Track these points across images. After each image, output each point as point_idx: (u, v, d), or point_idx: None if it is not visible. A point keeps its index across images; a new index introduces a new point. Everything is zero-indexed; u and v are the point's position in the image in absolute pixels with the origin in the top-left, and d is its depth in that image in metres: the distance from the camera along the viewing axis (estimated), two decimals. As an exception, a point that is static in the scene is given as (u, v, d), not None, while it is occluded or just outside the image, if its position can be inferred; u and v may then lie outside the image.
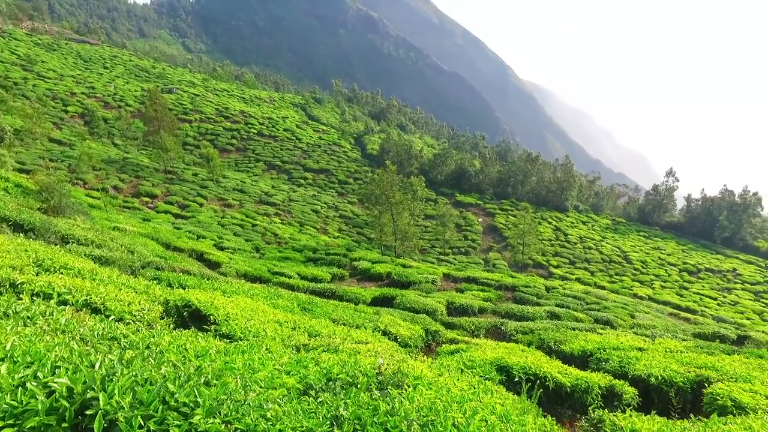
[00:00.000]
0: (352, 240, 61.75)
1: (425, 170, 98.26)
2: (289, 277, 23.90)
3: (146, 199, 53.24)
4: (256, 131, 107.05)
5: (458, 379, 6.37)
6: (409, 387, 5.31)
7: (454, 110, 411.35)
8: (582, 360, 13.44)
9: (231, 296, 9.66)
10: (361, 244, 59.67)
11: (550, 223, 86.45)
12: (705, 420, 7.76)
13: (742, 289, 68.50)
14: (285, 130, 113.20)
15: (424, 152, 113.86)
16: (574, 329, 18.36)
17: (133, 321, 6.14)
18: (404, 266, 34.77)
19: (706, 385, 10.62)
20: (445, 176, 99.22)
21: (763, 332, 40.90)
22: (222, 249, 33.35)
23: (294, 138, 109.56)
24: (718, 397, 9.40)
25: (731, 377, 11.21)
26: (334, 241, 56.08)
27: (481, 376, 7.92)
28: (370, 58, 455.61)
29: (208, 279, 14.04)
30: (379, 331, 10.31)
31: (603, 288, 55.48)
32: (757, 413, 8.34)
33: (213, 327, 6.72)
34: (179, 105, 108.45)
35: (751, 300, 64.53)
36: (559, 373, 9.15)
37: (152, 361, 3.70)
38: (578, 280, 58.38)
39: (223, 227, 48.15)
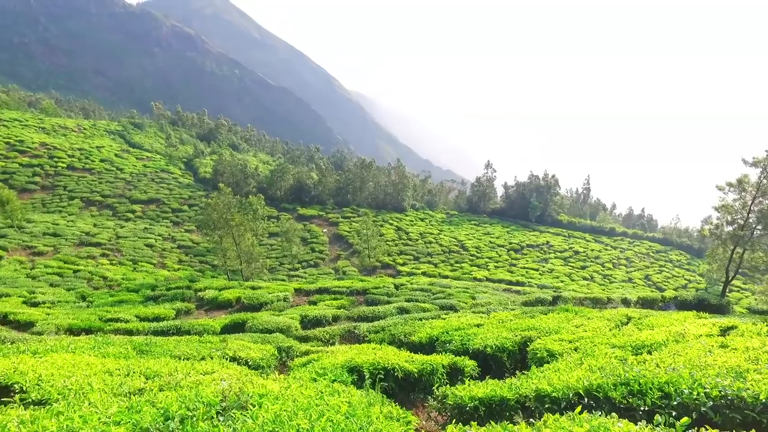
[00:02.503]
0: (196, 270, 58.16)
1: (264, 188, 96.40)
2: (126, 322, 21.70)
3: None
4: (65, 165, 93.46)
5: (307, 388, 6.48)
6: (254, 406, 5.29)
7: (287, 125, 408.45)
8: (430, 346, 14.46)
9: (45, 356, 8.50)
10: (205, 273, 56.49)
11: (391, 224, 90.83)
12: (527, 372, 8.96)
13: (555, 258, 79.45)
14: (102, 160, 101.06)
15: (260, 170, 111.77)
16: (421, 320, 19.64)
17: None
18: (254, 288, 33.77)
19: (529, 343, 12.23)
20: (284, 192, 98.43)
21: (572, 290, 48.06)
22: (36, 305, 28.93)
23: (114, 169, 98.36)
24: (537, 351, 10.87)
25: (546, 332, 13.04)
26: (175, 273, 52.27)
27: (333, 381, 8.12)
28: (193, 77, 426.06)
29: (12, 342, 12.20)
30: (227, 359, 9.96)
31: (446, 277, 59.96)
32: (563, 356, 9.86)
33: (18, 396, 5.85)
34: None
35: (562, 265, 75.18)
36: (407, 362, 9.75)
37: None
38: (424, 273, 62.23)
39: (34, 279, 41.78)
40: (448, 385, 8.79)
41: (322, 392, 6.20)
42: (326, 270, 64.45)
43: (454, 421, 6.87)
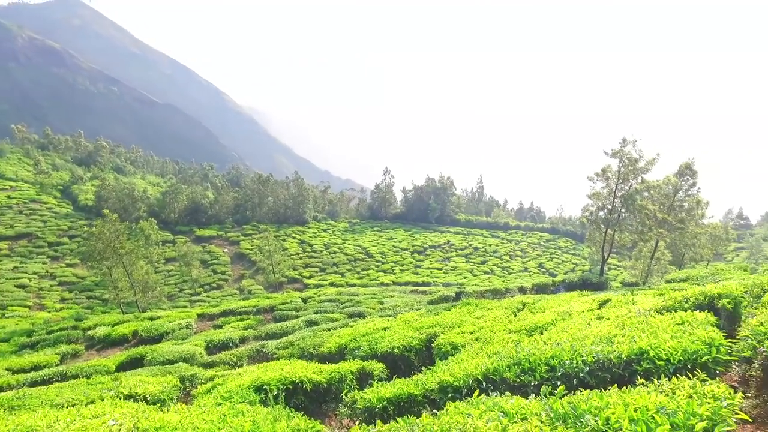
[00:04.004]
0: (83, 307, 53.12)
1: (155, 212, 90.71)
2: (-6, 378, 19.29)
3: None
4: None
5: (210, 414, 6.23)
6: (151, 440, 5.00)
7: (177, 143, 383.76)
8: (339, 354, 14.48)
9: None
10: (95, 309, 51.91)
11: (294, 237, 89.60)
12: (432, 367, 9.30)
13: (457, 256, 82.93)
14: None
15: (150, 193, 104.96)
16: (330, 330, 19.61)
17: None
18: (152, 319, 31.68)
19: (434, 340, 12.69)
20: (179, 214, 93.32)
21: (475, 285, 50.48)
22: None
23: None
24: (441, 346, 11.30)
25: (449, 327, 13.60)
26: (58, 314, 47.30)
27: (240, 402, 7.88)
28: (62, 95, 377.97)
29: None
30: (121, 398, 9.25)
31: (354, 285, 60.25)
32: (466, 347, 10.36)
33: None
34: None
35: (463, 262, 78.63)
36: (315, 373, 9.70)
37: None
38: (331, 284, 62.09)
39: None
40: (357, 391, 8.90)
41: (225, 415, 6.01)
42: (231, 291, 62.08)
43: (357, 422, 6.96)
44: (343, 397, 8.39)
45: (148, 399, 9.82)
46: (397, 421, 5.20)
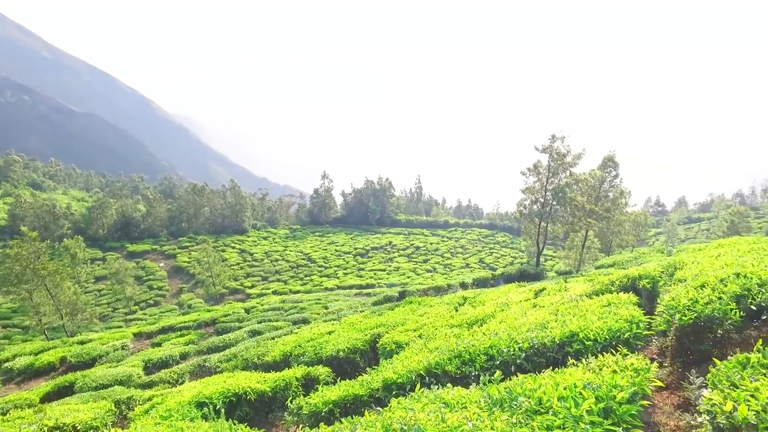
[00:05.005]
0: (-1, 338, 49.06)
1: (81, 228, 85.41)
2: None
3: None
4: None
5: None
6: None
7: (102, 155, 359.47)
8: (285, 362, 14.27)
9: None
10: (13, 338, 48.06)
11: (233, 247, 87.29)
12: (377, 367, 9.36)
13: (399, 256, 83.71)
14: None
15: (74, 209, 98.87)
16: (274, 338, 19.29)
17: None
18: (82, 343, 29.87)
19: (378, 340, 12.78)
20: (108, 229, 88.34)
21: (418, 284, 51.18)
22: None
23: None
24: (386, 345, 11.40)
25: (393, 326, 13.75)
26: (-33, 350, 43.24)
27: (181, 419, 7.62)
28: None
29: None
30: (45, 430, 8.67)
31: (298, 292, 59.46)
32: (409, 345, 10.51)
33: None
34: None
35: (406, 262, 79.50)
36: (259, 383, 9.53)
37: None
38: (274, 292, 60.95)
39: None
40: (303, 397, 8.81)
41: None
42: (169, 307, 59.57)
43: (300, 427, 6.92)
44: (289, 404, 8.29)
45: (78, 428, 9.26)
46: (341, 422, 5.23)
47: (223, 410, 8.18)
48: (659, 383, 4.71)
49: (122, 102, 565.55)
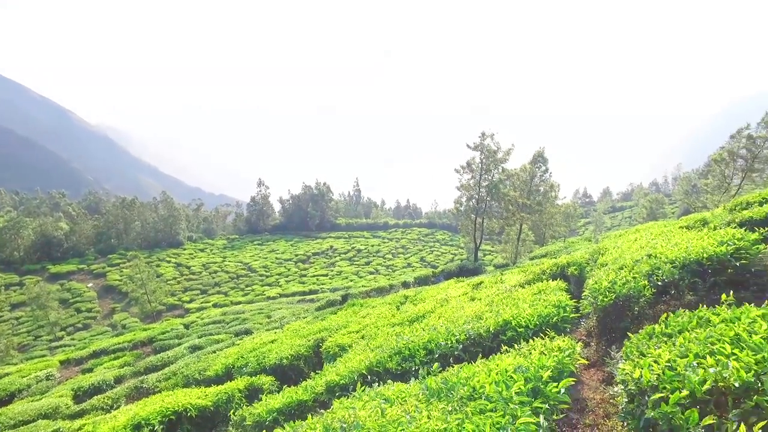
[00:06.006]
0: None
1: (-8, 252, 78.86)
2: None
3: None
4: None
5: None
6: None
7: (14, 171, 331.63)
8: (227, 375, 13.93)
9: None
10: None
11: (169, 261, 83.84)
12: (321, 371, 9.36)
13: (341, 260, 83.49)
14: None
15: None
16: (216, 352, 18.75)
17: None
18: (-1, 377, 27.69)
19: (322, 344, 12.75)
20: (25, 251, 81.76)
21: (362, 286, 51.30)
22: None
23: None
24: (329, 349, 11.39)
25: (336, 330, 13.76)
26: None
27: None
28: None
29: None
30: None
31: (239, 303, 58.01)
32: (352, 346, 10.57)
33: None
34: None
35: (348, 266, 79.43)
36: (199, 398, 9.27)
37: None
38: (215, 305, 59.15)
39: None
40: (246, 408, 8.66)
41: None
42: (101, 329, 56.29)
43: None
44: (232, 416, 8.14)
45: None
46: (284, 428, 5.21)
47: (161, 430, 7.88)
48: (584, 361, 5.02)
49: (36, 113, 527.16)
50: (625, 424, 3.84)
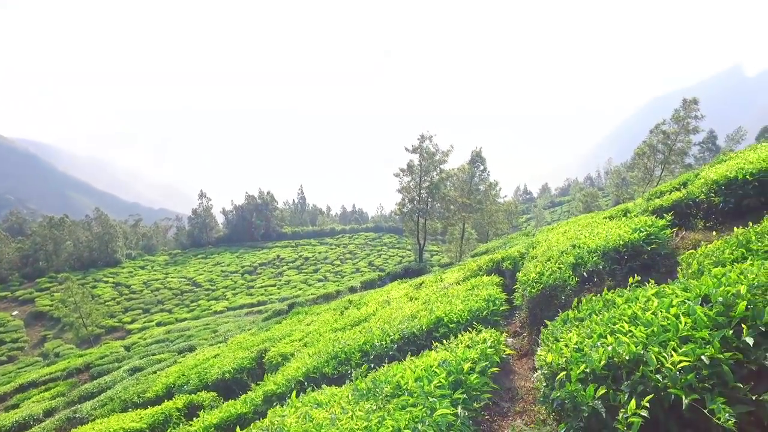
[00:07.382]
0: None
1: None
2: None
3: None
4: None
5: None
6: None
7: None
8: (168, 395, 13.40)
9: None
10: None
11: (106, 281, 79.80)
12: (261, 382, 9.19)
13: (289, 269, 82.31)
14: None
15: None
16: (156, 372, 18.01)
17: None
18: None
19: (265, 354, 12.53)
20: (-63, 282, 75.88)
21: (311, 294, 50.82)
22: None
23: None
24: (272, 359, 11.21)
25: (279, 339, 13.56)
26: None
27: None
28: None
29: None
30: None
31: (184, 320, 56.01)
32: (295, 355, 10.44)
33: None
34: None
35: (296, 274, 78.42)
36: (133, 421, 8.90)
37: None
38: (159, 324, 56.84)
39: None
40: (183, 426, 8.38)
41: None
42: (30, 360, 52.63)
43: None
44: (168, 435, 7.86)
45: None
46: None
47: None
48: (510, 351, 5.19)
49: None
50: (546, 407, 4.01)
